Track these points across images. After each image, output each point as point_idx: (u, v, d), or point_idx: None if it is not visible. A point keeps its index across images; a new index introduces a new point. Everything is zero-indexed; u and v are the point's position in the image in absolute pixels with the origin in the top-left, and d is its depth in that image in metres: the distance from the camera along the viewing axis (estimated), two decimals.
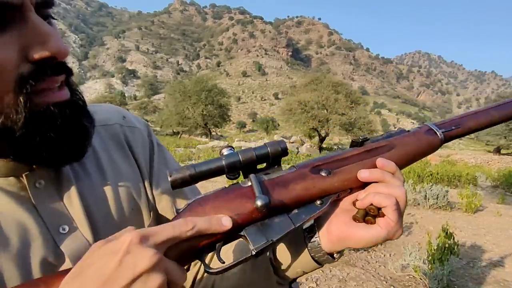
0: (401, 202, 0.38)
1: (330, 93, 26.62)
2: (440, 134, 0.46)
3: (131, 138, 0.51)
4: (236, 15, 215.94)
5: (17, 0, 0.30)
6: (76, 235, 0.41)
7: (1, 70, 0.31)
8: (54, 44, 0.33)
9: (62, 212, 0.41)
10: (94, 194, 0.44)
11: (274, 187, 0.38)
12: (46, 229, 0.39)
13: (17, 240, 0.37)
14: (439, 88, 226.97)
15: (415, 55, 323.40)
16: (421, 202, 6.17)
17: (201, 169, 0.37)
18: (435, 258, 2.75)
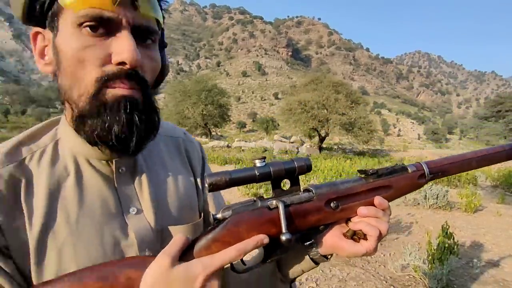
0: (383, 233, 0.48)
1: (330, 93, 26.60)
2: (428, 179, 0.56)
3: (190, 150, 0.63)
4: (236, 15, 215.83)
5: (115, 18, 0.40)
6: (141, 217, 0.50)
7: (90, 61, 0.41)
8: (127, 54, 0.40)
9: (134, 196, 0.51)
10: (159, 186, 0.54)
11: (295, 217, 0.47)
12: (120, 207, 0.49)
13: (100, 210, 0.47)
14: (439, 88, 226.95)
15: (415, 55, 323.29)
16: (421, 202, 6.17)
17: (236, 176, 0.43)
18: (435, 258, 2.75)
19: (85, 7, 0.39)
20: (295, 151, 25.22)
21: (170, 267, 0.38)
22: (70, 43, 0.41)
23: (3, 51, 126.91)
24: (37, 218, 0.43)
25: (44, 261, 0.43)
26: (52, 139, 0.50)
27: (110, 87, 0.42)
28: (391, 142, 61.30)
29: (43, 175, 0.45)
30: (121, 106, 0.42)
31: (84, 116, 0.43)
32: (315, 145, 28.18)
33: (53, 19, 0.43)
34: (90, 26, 0.40)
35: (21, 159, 0.46)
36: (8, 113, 54.05)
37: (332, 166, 12.11)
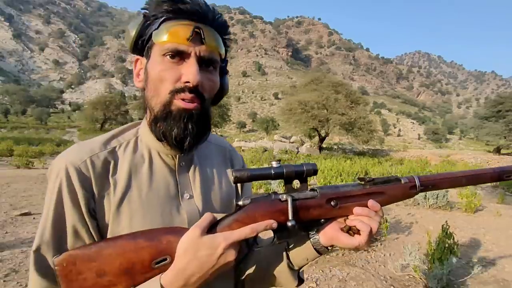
0: (374, 230, 0.59)
1: (330, 93, 26.57)
2: (419, 190, 0.64)
3: (234, 159, 0.78)
4: (236, 15, 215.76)
5: (186, 51, 0.57)
6: (192, 201, 0.64)
7: (167, 80, 0.57)
8: (191, 76, 0.56)
9: (188, 185, 0.66)
10: (207, 181, 0.69)
11: (300, 209, 0.58)
12: (178, 192, 0.64)
13: (163, 191, 0.62)
14: (439, 88, 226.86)
15: (415, 55, 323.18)
16: (421, 202, 6.17)
17: (255, 173, 0.56)
18: (435, 258, 2.75)
19: (167, 41, 0.56)
20: (295, 151, 25.21)
21: (200, 236, 0.51)
22: (156, 67, 0.58)
23: (3, 51, 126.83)
24: (118, 190, 0.58)
25: (118, 222, 0.57)
26: (134, 135, 0.66)
27: (177, 99, 0.58)
28: (391, 142, 61.28)
29: (126, 160, 0.62)
30: (181, 117, 0.58)
31: (157, 119, 0.59)
32: (315, 145, 28.15)
33: (148, 50, 0.60)
34: (169, 55, 0.57)
35: (113, 147, 0.62)
36: (8, 113, 54.02)
37: (332, 166, 12.10)
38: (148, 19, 0.58)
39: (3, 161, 12.60)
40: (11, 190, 6.42)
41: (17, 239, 3.78)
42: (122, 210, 0.58)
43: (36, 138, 27.82)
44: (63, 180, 0.55)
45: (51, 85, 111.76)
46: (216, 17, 0.61)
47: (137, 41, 0.60)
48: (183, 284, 0.50)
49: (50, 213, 0.55)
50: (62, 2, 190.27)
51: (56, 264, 0.50)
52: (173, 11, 0.57)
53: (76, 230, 0.55)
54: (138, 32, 0.59)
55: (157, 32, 0.57)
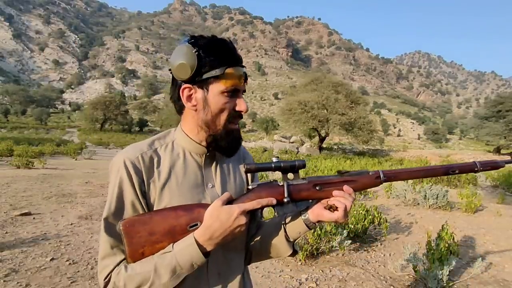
0: (348, 208, 0.77)
1: (330, 93, 26.56)
2: (383, 180, 0.82)
3: (246, 157, 0.99)
4: (236, 15, 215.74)
5: (240, 89, 0.79)
6: (214, 190, 0.84)
7: (226, 110, 0.78)
8: (244, 108, 0.79)
9: (211, 177, 0.85)
10: (225, 174, 0.89)
11: (293, 191, 0.78)
12: (203, 182, 0.84)
13: (193, 181, 0.82)
14: (439, 88, 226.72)
15: (415, 55, 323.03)
16: (421, 202, 6.17)
17: (260, 166, 0.77)
18: (435, 258, 2.75)
19: (230, 85, 0.76)
20: (295, 151, 25.19)
21: (220, 206, 0.72)
22: (220, 100, 0.77)
23: (3, 51, 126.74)
24: (161, 178, 0.78)
25: (161, 201, 0.77)
26: (171, 139, 0.86)
27: (231, 124, 0.80)
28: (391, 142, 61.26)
29: (167, 156, 0.82)
30: (236, 135, 0.83)
31: (216, 136, 0.80)
32: (315, 145, 28.14)
33: (207, 84, 0.77)
34: (230, 93, 0.77)
35: (155, 148, 0.82)
36: (8, 113, 53.94)
37: (332, 166, 12.10)
38: (203, 59, 0.74)
39: (3, 161, 12.59)
40: (11, 190, 6.42)
41: (17, 239, 3.77)
42: (164, 193, 0.77)
43: (36, 138, 27.78)
44: (122, 170, 0.75)
45: (51, 85, 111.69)
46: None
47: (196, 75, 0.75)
48: (209, 237, 0.70)
49: (115, 192, 0.75)
50: (62, 2, 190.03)
51: (121, 225, 0.70)
52: (229, 58, 0.76)
53: (134, 204, 0.75)
54: (197, 67, 0.74)
55: (222, 76, 0.75)
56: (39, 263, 3.12)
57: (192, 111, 0.80)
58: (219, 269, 0.82)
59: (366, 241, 4.10)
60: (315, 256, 3.51)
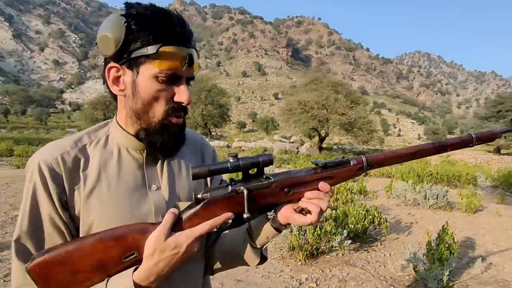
0: (323, 209, 0.63)
1: (330, 93, 26.55)
2: (366, 169, 0.69)
3: (205, 151, 0.84)
4: (236, 15, 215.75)
5: (181, 74, 0.63)
6: (159, 192, 0.70)
7: (162, 99, 0.64)
8: (185, 98, 0.64)
9: (155, 177, 0.71)
10: (175, 173, 0.74)
11: (257, 198, 0.63)
12: (145, 184, 0.69)
13: (132, 183, 0.68)
14: (439, 88, 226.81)
15: (415, 55, 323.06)
16: (421, 202, 6.17)
17: (213, 168, 0.58)
18: (435, 258, 2.75)
19: (165, 68, 0.61)
20: (295, 151, 25.20)
21: (164, 240, 0.56)
22: (151, 86, 0.62)
23: (3, 51, 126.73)
24: (88, 184, 0.64)
25: (88, 213, 0.63)
26: (105, 133, 0.71)
27: (171, 117, 0.65)
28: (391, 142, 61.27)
29: (96, 155, 0.67)
30: (174, 131, 0.67)
31: (149, 130, 0.66)
32: (315, 145, 28.14)
33: (137, 65, 0.62)
34: (165, 78, 0.62)
35: (83, 145, 0.68)
36: (8, 113, 53.97)
37: None
38: (134, 33, 0.59)
39: (3, 161, 12.59)
40: (11, 190, 6.42)
41: None
42: (91, 201, 0.63)
43: (36, 138, 27.80)
44: (36, 176, 0.61)
45: (51, 85, 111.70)
46: (192, 34, 0.65)
47: (124, 50, 0.60)
48: (154, 279, 0.57)
49: (27, 206, 0.61)
50: (62, 2, 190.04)
51: (29, 271, 0.54)
52: (168, 34, 0.60)
53: (52, 219, 0.61)
54: (124, 40, 0.59)
55: (155, 56, 0.59)
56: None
57: (121, 97, 0.66)
58: (171, 285, 0.67)
59: (366, 241, 4.10)
60: (315, 256, 3.51)
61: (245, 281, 2.96)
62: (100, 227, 0.62)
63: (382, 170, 12.40)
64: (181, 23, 0.62)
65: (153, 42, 0.59)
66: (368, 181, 10.09)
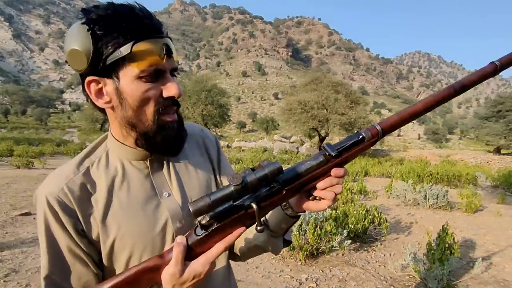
0: (338, 194, 0.59)
1: (330, 93, 26.55)
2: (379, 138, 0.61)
3: (207, 143, 0.80)
4: (236, 15, 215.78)
5: (164, 68, 0.59)
6: (172, 198, 0.67)
7: (152, 99, 0.59)
8: (175, 91, 0.60)
9: (165, 184, 0.68)
10: (183, 175, 0.71)
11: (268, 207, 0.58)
12: (155, 193, 0.67)
13: (142, 194, 0.66)
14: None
15: (415, 55, 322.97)
16: (421, 202, 6.17)
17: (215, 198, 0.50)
18: (435, 258, 2.75)
19: (146, 66, 0.56)
20: (295, 151, 25.20)
21: (180, 276, 0.54)
22: (137, 89, 0.58)
23: (3, 51, 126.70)
24: (100, 207, 0.62)
25: (107, 235, 0.62)
26: (104, 150, 0.68)
27: (163, 115, 0.61)
28: (391, 142, 61.26)
29: (102, 177, 0.64)
30: (174, 127, 0.64)
31: (147, 135, 0.62)
32: (315, 145, 28.15)
33: (116, 71, 0.57)
34: (149, 76, 0.58)
35: (86, 168, 0.65)
36: (8, 113, 53.96)
37: None
38: (100, 38, 0.54)
39: (3, 161, 12.59)
40: (11, 190, 6.42)
41: (17, 239, 3.77)
42: (108, 223, 0.62)
43: (36, 138, 27.79)
44: (47, 211, 0.60)
45: (51, 85, 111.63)
46: (160, 23, 0.60)
47: (96, 61, 0.56)
48: None
49: (44, 242, 0.61)
50: (62, 2, 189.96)
51: None
52: (136, 30, 0.55)
53: (72, 250, 0.61)
54: (94, 51, 0.55)
55: (130, 56, 0.55)
56: (39, 263, 3.12)
57: (109, 109, 0.62)
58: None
59: (366, 241, 4.10)
60: (315, 256, 3.51)
61: (245, 281, 2.96)
62: (122, 246, 0.62)
63: (382, 170, 12.39)
64: (147, 14, 0.57)
65: (124, 42, 0.55)
66: (368, 181, 10.10)
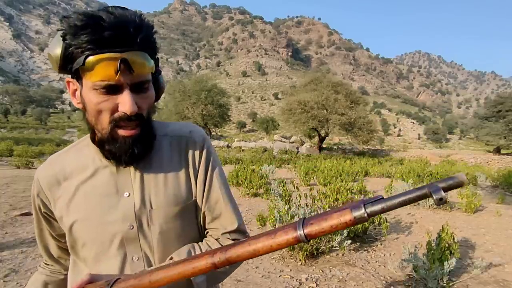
0: None
1: (330, 93, 26.55)
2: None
3: (190, 150, 0.74)
4: (236, 15, 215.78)
5: (118, 83, 0.58)
6: (130, 199, 0.69)
7: (105, 111, 0.61)
8: (127, 108, 0.59)
9: (128, 184, 0.70)
10: (152, 179, 0.71)
11: None
12: (117, 191, 0.69)
13: (105, 190, 0.69)
14: (439, 88, 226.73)
15: (415, 55, 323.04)
16: (421, 202, 6.17)
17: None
18: (435, 258, 2.75)
19: (97, 80, 0.57)
20: (295, 151, 25.19)
21: None
22: (91, 99, 0.60)
23: (3, 51, 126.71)
24: (68, 194, 0.70)
25: (69, 217, 0.69)
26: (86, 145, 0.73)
27: (120, 127, 0.62)
28: (391, 142, 61.29)
29: (77, 166, 0.71)
30: (126, 143, 0.64)
31: (103, 141, 0.65)
32: (315, 145, 28.15)
33: (79, 78, 0.61)
34: (102, 90, 0.59)
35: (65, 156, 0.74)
36: (8, 113, 53.95)
37: (332, 166, 12.10)
38: (69, 45, 0.57)
39: (3, 161, 12.59)
40: (11, 190, 6.41)
41: (16, 239, 3.77)
42: (70, 208, 0.69)
43: (36, 138, 27.81)
44: (33, 192, 0.74)
45: (51, 85, 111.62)
46: (140, 34, 0.59)
47: (63, 65, 0.60)
48: None
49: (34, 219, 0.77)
50: (62, 2, 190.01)
51: None
52: (94, 42, 0.55)
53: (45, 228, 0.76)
54: (62, 57, 0.58)
55: (83, 69, 0.57)
56: (39, 263, 3.13)
57: (83, 110, 0.66)
58: None
59: (366, 241, 4.10)
60: (315, 256, 3.51)
61: (245, 281, 2.96)
62: (79, 232, 0.68)
63: (382, 170, 12.40)
64: (114, 25, 0.55)
65: (81, 54, 0.56)
66: (368, 181, 10.10)
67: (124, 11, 0.58)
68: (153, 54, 0.64)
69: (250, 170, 8.25)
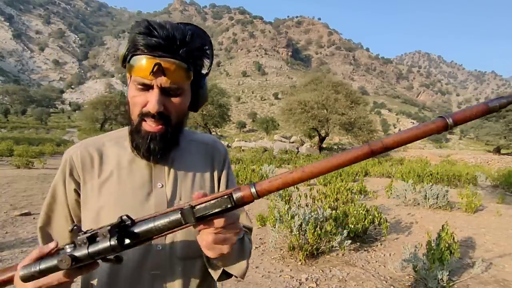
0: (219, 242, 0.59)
1: (330, 93, 26.56)
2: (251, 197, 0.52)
3: (215, 154, 0.87)
4: (236, 15, 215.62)
5: (150, 83, 0.67)
6: (163, 190, 0.76)
7: (137, 105, 0.69)
8: (151, 107, 0.67)
9: (162, 176, 0.77)
10: (183, 173, 0.80)
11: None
12: (151, 181, 0.76)
13: (140, 179, 0.75)
14: (439, 88, 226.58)
15: (415, 55, 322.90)
16: (421, 202, 6.16)
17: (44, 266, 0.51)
18: (435, 258, 2.75)
19: (136, 75, 0.66)
20: (295, 151, 25.18)
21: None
22: (131, 91, 0.70)
23: (3, 51, 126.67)
24: (102, 176, 0.74)
25: (98, 199, 0.73)
26: (125, 135, 0.79)
27: (145, 121, 0.70)
28: None
29: (113, 153, 0.77)
30: (145, 138, 0.71)
31: (132, 132, 0.73)
32: (315, 145, 28.14)
33: (129, 72, 0.70)
34: (138, 85, 0.68)
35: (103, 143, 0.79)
36: (8, 113, 53.90)
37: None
38: (129, 46, 0.68)
39: (3, 161, 12.59)
40: (11, 190, 6.42)
41: (17, 239, 3.78)
42: (102, 191, 0.73)
43: (36, 138, 27.77)
44: (62, 168, 0.76)
45: (51, 85, 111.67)
46: (184, 47, 0.67)
47: (123, 61, 0.70)
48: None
49: (48, 196, 0.77)
50: (62, 2, 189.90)
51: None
52: (144, 46, 0.65)
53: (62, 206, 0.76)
54: (123, 54, 0.69)
55: (130, 65, 0.67)
56: None
57: None
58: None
59: (366, 241, 4.10)
60: (315, 256, 3.51)
61: (245, 281, 2.96)
62: (106, 215, 0.71)
63: (382, 170, 12.39)
64: (163, 36, 0.64)
65: (132, 53, 0.67)
66: (368, 181, 10.10)
67: (184, 27, 0.68)
68: (196, 67, 0.72)
69: (250, 170, 8.25)
